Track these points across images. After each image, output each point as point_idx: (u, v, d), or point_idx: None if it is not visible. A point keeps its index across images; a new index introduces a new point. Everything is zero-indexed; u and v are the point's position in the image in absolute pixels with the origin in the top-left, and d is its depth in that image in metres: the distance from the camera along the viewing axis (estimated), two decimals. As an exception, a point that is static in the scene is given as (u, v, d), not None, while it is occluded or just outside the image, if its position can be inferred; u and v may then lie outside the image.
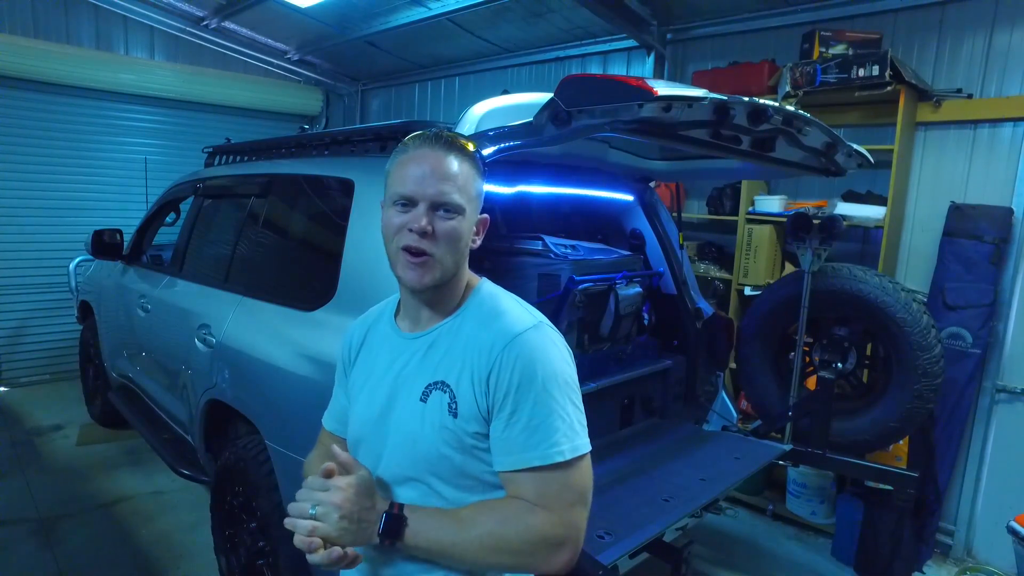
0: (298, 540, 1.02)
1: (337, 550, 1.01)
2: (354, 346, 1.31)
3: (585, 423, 1.10)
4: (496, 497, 1.11)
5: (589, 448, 1.08)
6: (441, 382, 1.11)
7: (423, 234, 1.07)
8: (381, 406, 1.17)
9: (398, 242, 1.10)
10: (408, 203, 1.09)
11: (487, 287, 1.21)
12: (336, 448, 1.12)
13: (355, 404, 1.25)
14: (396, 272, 1.13)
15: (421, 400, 1.12)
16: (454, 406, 1.09)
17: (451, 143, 1.11)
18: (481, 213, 1.18)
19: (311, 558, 1.01)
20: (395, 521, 1.04)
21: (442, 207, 1.08)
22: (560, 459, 1.04)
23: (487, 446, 1.09)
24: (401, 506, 1.06)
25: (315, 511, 1.02)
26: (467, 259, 1.17)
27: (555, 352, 1.10)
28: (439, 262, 1.09)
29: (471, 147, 1.15)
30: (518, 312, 1.14)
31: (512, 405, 1.05)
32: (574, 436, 1.06)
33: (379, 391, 1.19)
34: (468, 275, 1.20)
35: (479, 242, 1.19)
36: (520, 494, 1.05)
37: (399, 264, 1.11)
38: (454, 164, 1.10)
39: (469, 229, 1.13)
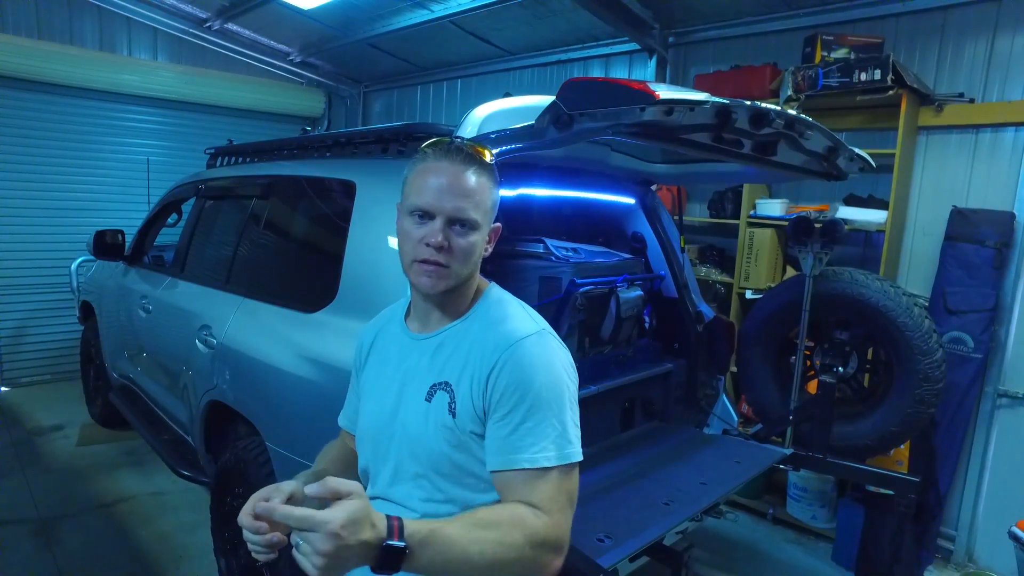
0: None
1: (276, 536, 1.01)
2: (364, 348, 1.33)
3: (578, 434, 1.10)
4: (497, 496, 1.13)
5: (579, 458, 1.09)
6: (445, 382, 1.14)
7: (439, 249, 1.08)
8: (390, 405, 1.20)
9: (414, 253, 1.11)
10: (425, 215, 1.10)
11: (495, 292, 1.24)
12: (331, 480, 0.99)
13: (365, 403, 1.28)
14: (410, 277, 1.14)
15: (426, 400, 1.15)
16: (453, 406, 1.11)
17: (470, 156, 1.12)
18: (495, 221, 1.19)
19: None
20: (394, 554, 0.90)
21: (459, 223, 1.10)
22: (547, 464, 1.04)
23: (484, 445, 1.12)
24: (401, 529, 0.91)
25: (300, 544, 0.92)
26: (479, 267, 1.19)
27: (555, 360, 1.12)
28: (454, 273, 1.11)
29: (488, 157, 1.15)
30: (522, 318, 1.17)
31: (507, 407, 1.07)
32: (564, 444, 1.07)
33: (388, 390, 1.22)
34: (478, 279, 1.22)
35: (491, 250, 1.20)
36: (512, 494, 1.06)
37: (412, 271, 1.12)
38: (472, 178, 1.11)
39: (483, 241, 1.15)
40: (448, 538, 0.94)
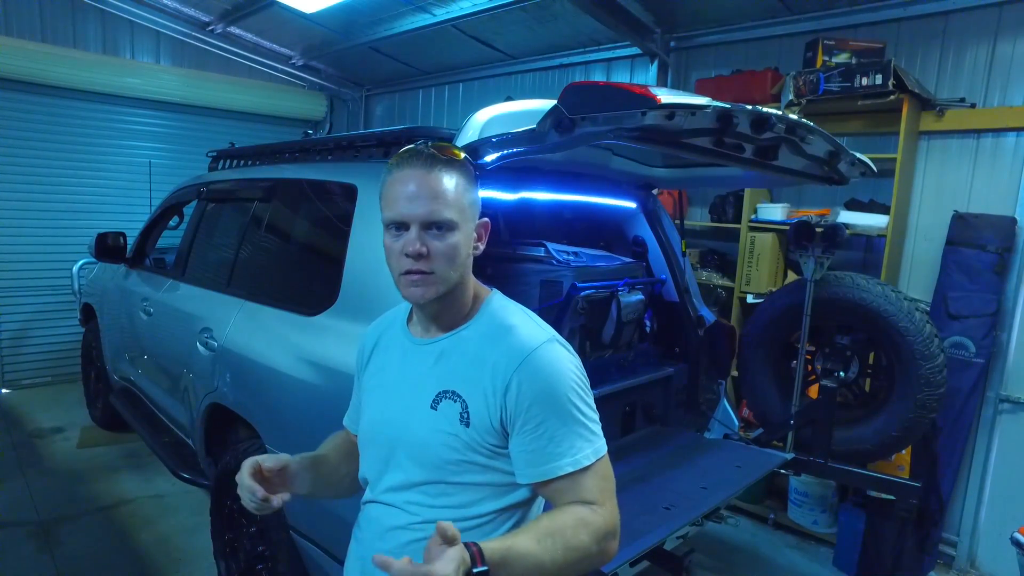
0: None
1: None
2: (366, 350, 1.32)
3: (598, 419, 1.15)
4: (506, 501, 1.14)
5: (606, 447, 1.14)
6: (452, 392, 1.12)
7: (419, 256, 1.07)
8: (393, 410, 1.19)
9: (398, 267, 1.10)
10: (400, 226, 1.09)
11: (497, 299, 1.22)
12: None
13: (367, 407, 1.27)
14: (401, 291, 1.13)
15: (431, 408, 1.13)
16: (466, 416, 1.11)
17: (434, 157, 1.09)
18: (481, 217, 1.17)
19: None
20: None
21: (434, 225, 1.08)
22: (587, 463, 1.09)
23: (502, 454, 1.12)
24: (482, 554, 0.93)
25: None
26: (471, 267, 1.17)
27: (568, 364, 1.13)
28: (440, 278, 1.10)
29: (459, 155, 1.13)
30: (529, 327, 1.16)
31: (536, 420, 1.08)
32: (595, 439, 1.12)
33: (391, 395, 1.21)
34: (476, 285, 1.21)
35: (482, 248, 1.18)
36: (562, 498, 1.09)
37: (402, 284, 1.12)
38: (440, 179, 1.08)
39: (467, 240, 1.13)
40: (522, 552, 0.98)
